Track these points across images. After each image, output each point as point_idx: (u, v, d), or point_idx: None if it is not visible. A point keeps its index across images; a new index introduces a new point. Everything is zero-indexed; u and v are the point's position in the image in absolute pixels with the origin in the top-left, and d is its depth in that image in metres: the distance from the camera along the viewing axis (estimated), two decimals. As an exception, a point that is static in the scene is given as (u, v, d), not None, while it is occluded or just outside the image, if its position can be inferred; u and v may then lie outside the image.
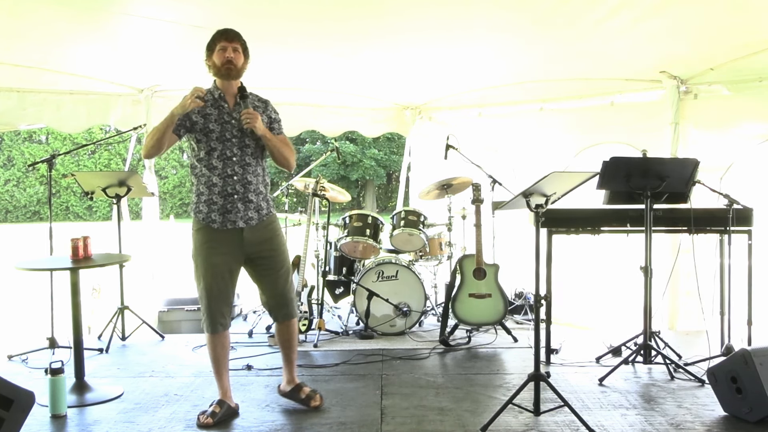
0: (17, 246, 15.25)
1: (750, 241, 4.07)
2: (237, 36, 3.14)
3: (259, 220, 3.20)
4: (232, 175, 3.13)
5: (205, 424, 3.11)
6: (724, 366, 3.21)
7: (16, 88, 4.99)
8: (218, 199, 3.13)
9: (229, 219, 3.14)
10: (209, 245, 3.15)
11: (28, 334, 4.86)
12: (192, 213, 3.21)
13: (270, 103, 3.32)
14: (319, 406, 3.34)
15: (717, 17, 3.80)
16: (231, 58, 3.09)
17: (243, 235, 3.16)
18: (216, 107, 3.15)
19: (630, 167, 3.75)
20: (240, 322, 5.57)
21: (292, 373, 3.45)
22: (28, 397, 2.84)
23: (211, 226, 3.14)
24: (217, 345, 3.23)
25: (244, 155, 3.16)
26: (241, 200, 3.14)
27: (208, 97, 3.14)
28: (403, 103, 6.69)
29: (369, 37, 4.44)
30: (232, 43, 3.11)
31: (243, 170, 3.15)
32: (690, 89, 4.96)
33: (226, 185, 3.12)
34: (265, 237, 3.22)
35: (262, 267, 3.25)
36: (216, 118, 3.14)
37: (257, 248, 3.20)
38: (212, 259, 3.14)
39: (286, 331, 3.39)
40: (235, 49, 3.11)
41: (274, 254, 3.25)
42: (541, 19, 3.92)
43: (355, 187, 28.79)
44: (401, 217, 5.24)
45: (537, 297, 3.23)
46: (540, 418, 3.16)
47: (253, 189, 3.18)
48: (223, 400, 3.24)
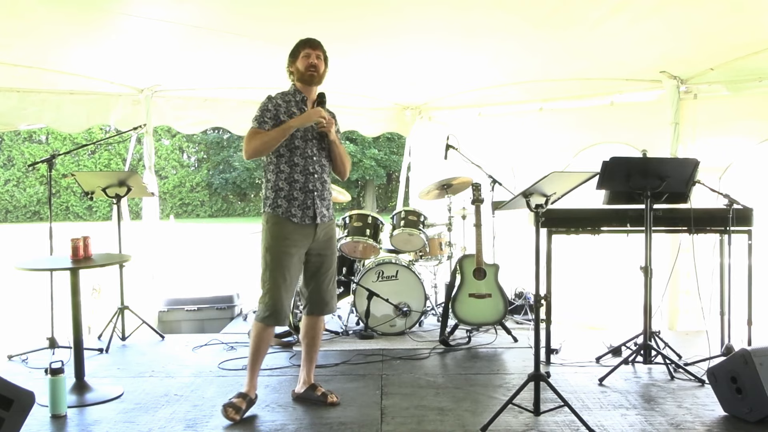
0: (17, 246, 15.25)
1: (750, 241, 4.07)
2: (320, 45, 3.29)
3: (329, 218, 3.37)
4: (313, 173, 3.27)
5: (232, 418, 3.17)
6: (724, 366, 3.21)
7: (16, 88, 4.99)
8: (299, 195, 3.25)
9: (308, 214, 3.25)
10: (287, 238, 3.23)
11: (28, 334, 4.86)
12: (268, 208, 3.27)
13: (335, 117, 3.43)
14: (336, 402, 3.39)
15: (717, 17, 3.80)
16: (315, 64, 3.25)
17: (316, 230, 3.28)
18: (299, 109, 3.29)
19: (630, 167, 3.75)
20: (240, 322, 5.57)
21: (311, 372, 3.51)
22: (28, 397, 2.84)
23: (291, 221, 3.23)
24: (264, 338, 3.29)
25: (320, 156, 3.32)
26: (320, 197, 3.29)
27: (291, 98, 3.31)
28: (403, 102, 6.69)
29: (369, 37, 4.45)
30: (315, 50, 3.26)
31: (321, 169, 3.32)
32: (690, 89, 4.96)
33: (307, 182, 3.26)
34: (329, 235, 3.38)
35: (318, 263, 3.36)
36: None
37: (320, 245, 3.34)
38: (290, 250, 3.23)
39: (315, 325, 3.46)
40: (318, 56, 3.26)
41: (329, 253, 3.40)
42: (541, 19, 3.92)
43: (355, 187, 28.82)
44: (401, 217, 5.25)
45: (537, 297, 3.23)
46: (540, 418, 3.16)
47: (327, 187, 3.37)
48: (247, 393, 3.30)
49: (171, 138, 29.28)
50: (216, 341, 4.73)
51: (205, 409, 3.38)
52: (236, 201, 30.50)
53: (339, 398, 3.44)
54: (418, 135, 6.77)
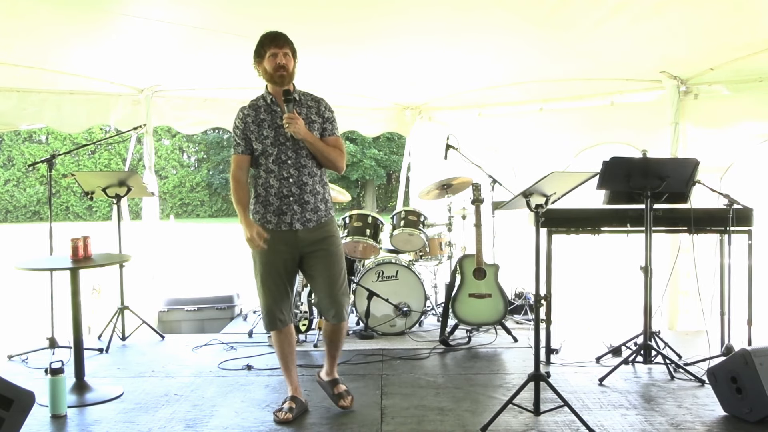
0: (17, 246, 15.25)
1: (750, 241, 4.07)
2: (286, 41, 3.13)
3: (317, 222, 3.21)
4: (287, 177, 3.15)
5: (285, 419, 3.16)
6: (724, 366, 3.21)
7: (16, 88, 4.99)
8: (274, 201, 3.17)
9: (284, 221, 3.17)
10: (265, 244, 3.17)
11: (28, 334, 4.86)
12: (250, 214, 3.24)
13: (324, 102, 3.29)
14: (347, 407, 3.32)
15: (717, 17, 3.80)
16: (283, 64, 3.09)
17: (298, 235, 3.19)
18: (269, 112, 3.18)
19: (630, 167, 3.75)
20: (240, 322, 5.57)
21: (333, 367, 3.47)
22: (28, 397, 2.84)
23: (266, 227, 3.17)
24: (282, 341, 3.28)
25: (299, 157, 3.17)
26: (297, 202, 3.16)
27: (260, 103, 3.19)
28: (403, 102, 6.69)
29: (369, 37, 4.44)
30: (282, 49, 3.09)
31: (298, 172, 3.16)
32: (690, 89, 4.96)
33: (282, 187, 3.15)
34: (319, 237, 3.22)
35: (313, 267, 3.25)
36: (269, 123, 3.17)
37: (311, 248, 3.22)
38: (267, 257, 3.18)
39: (331, 331, 3.37)
40: (285, 54, 3.10)
41: (326, 255, 3.24)
42: (541, 19, 3.92)
43: (355, 187, 28.81)
44: (401, 217, 5.25)
45: (537, 297, 3.23)
46: (540, 418, 3.16)
47: (309, 190, 3.19)
48: (295, 396, 3.29)
49: (171, 138, 29.27)
50: (216, 341, 4.73)
51: (205, 409, 3.38)
52: (236, 201, 30.48)
53: (352, 404, 3.35)
54: (418, 135, 6.76)
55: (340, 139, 3.32)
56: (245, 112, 3.20)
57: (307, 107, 3.21)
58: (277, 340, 3.30)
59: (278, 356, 3.35)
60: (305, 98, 3.24)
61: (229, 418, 3.24)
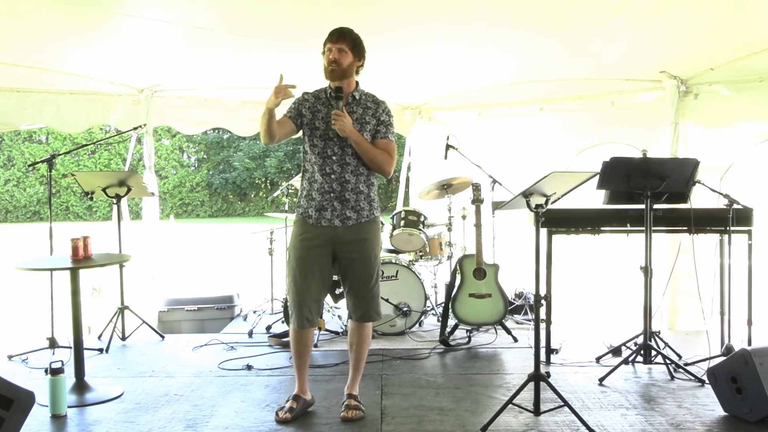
0: (17, 246, 15.25)
1: (750, 241, 4.07)
2: (343, 36, 3.12)
3: (357, 220, 3.18)
4: (330, 173, 3.14)
5: (284, 419, 3.15)
6: (724, 366, 3.21)
7: (16, 88, 5.00)
8: (317, 195, 3.16)
9: (324, 216, 3.15)
10: (302, 239, 3.17)
11: (28, 334, 4.86)
12: (296, 207, 3.26)
13: (384, 105, 3.29)
14: (348, 418, 3.17)
15: (717, 17, 3.80)
16: (335, 58, 3.10)
17: (336, 233, 3.16)
18: (326, 105, 3.19)
19: (630, 167, 3.75)
20: (240, 322, 5.57)
21: (353, 381, 3.35)
22: (28, 397, 2.83)
23: (307, 221, 3.18)
24: (301, 341, 3.24)
25: (344, 154, 3.15)
26: (338, 198, 3.14)
27: (322, 95, 3.22)
28: (403, 103, 6.68)
29: (369, 37, 4.40)
30: (336, 44, 3.10)
31: (342, 169, 3.14)
32: (690, 89, 4.96)
33: (324, 183, 3.15)
34: (357, 238, 3.18)
35: (346, 267, 3.22)
36: (323, 116, 3.17)
37: (346, 247, 3.18)
38: (303, 252, 3.16)
39: (355, 331, 3.31)
40: (340, 49, 3.10)
41: (360, 257, 3.19)
42: (541, 19, 3.92)
43: (355, 187, 28.75)
44: (401, 217, 5.25)
45: (537, 297, 3.23)
46: (540, 418, 3.16)
47: (351, 188, 3.16)
48: (299, 395, 3.28)
49: (171, 138, 29.26)
50: (216, 341, 4.72)
51: (205, 409, 3.38)
52: (236, 201, 30.47)
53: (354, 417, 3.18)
54: (418, 135, 6.76)
55: (393, 144, 3.26)
56: (305, 97, 3.21)
57: (364, 107, 3.21)
58: (298, 340, 3.23)
59: (293, 353, 3.29)
60: (366, 98, 3.25)
61: (229, 418, 3.24)
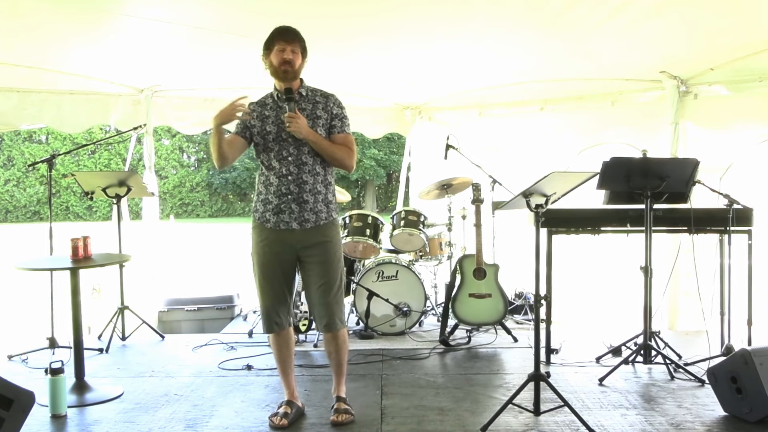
0: (17, 246, 15.25)
1: (750, 241, 4.07)
2: (296, 37, 3.06)
3: (315, 223, 3.12)
4: (287, 174, 3.07)
5: (281, 425, 3.10)
6: (724, 366, 3.21)
7: (16, 88, 4.99)
8: (273, 199, 3.10)
9: (282, 219, 3.09)
10: (262, 244, 3.14)
11: (28, 334, 4.86)
12: (252, 212, 3.22)
13: (333, 98, 3.22)
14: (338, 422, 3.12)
15: (717, 17, 3.80)
16: (289, 59, 3.03)
17: (295, 235, 3.10)
18: (274, 109, 3.13)
19: (630, 167, 3.75)
20: (240, 322, 5.57)
21: (338, 384, 3.32)
22: (28, 397, 2.83)
23: (265, 226, 3.13)
24: (279, 345, 3.22)
25: (300, 154, 3.08)
26: (295, 201, 3.08)
27: (268, 100, 3.16)
28: (403, 103, 6.68)
29: (369, 36, 4.44)
30: (290, 44, 3.03)
31: (298, 170, 3.08)
32: (690, 89, 4.96)
33: (281, 185, 3.08)
34: (316, 241, 3.12)
35: (307, 272, 3.16)
36: (273, 119, 3.12)
37: (307, 252, 3.12)
38: (265, 258, 3.13)
39: (331, 341, 3.22)
40: (293, 50, 3.04)
41: (320, 261, 3.12)
42: (542, 19, 3.92)
43: (355, 187, 28.83)
44: (401, 217, 5.25)
45: (537, 297, 3.23)
46: (540, 418, 3.16)
47: (309, 189, 3.09)
48: (291, 400, 3.24)
49: (171, 138, 29.28)
50: (216, 341, 4.72)
51: (205, 409, 3.38)
52: (236, 201, 30.50)
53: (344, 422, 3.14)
54: (418, 135, 6.76)
55: (350, 137, 3.21)
56: (251, 107, 3.15)
57: (313, 102, 3.15)
58: (275, 344, 3.24)
59: (276, 359, 3.30)
60: (313, 94, 3.19)
61: (229, 418, 3.24)
